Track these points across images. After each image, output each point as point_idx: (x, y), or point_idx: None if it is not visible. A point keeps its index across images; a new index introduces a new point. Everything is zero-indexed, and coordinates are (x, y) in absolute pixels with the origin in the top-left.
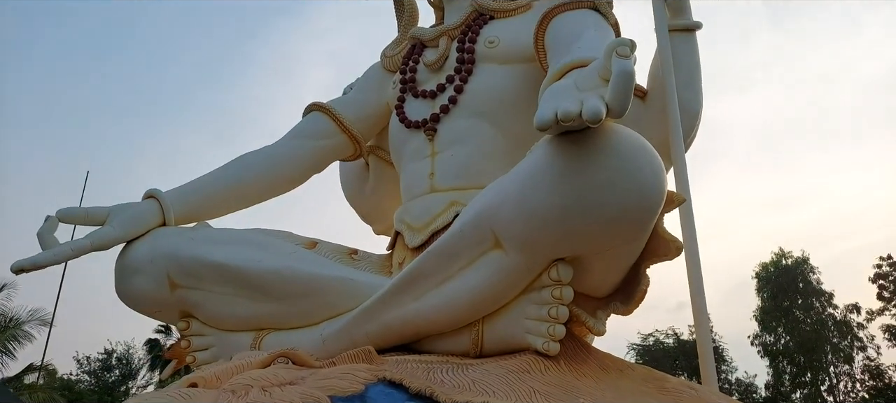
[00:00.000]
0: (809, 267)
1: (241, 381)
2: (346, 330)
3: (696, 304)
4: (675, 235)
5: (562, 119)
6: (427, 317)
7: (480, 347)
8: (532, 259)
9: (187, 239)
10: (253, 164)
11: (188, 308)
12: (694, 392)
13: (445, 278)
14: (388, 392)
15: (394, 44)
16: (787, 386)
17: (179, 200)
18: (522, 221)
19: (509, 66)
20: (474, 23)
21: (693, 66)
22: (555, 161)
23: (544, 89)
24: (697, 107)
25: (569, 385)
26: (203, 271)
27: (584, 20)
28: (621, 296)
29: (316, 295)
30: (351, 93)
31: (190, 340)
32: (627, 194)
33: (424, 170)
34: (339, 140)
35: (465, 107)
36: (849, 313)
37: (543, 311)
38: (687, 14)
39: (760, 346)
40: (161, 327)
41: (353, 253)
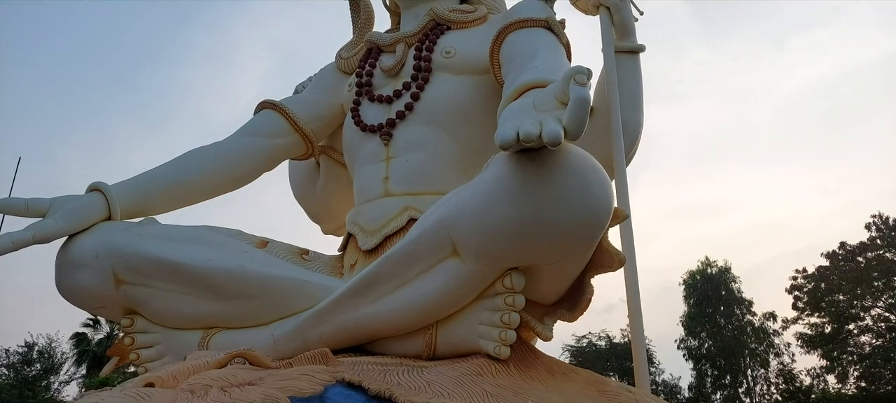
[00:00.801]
0: (731, 276)
1: (200, 381)
2: (298, 331)
3: (633, 314)
4: (618, 248)
5: (524, 140)
6: (382, 321)
7: (433, 350)
8: (488, 267)
9: (135, 235)
10: (203, 160)
11: (133, 304)
12: (631, 394)
13: (402, 283)
14: (347, 393)
15: (349, 46)
16: (709, 388)
17: (125, 194)
18: (481, 232)
19: (464, 76)
20: (431, 32)
21: (636, 87)
22: (513, 177)
23: (503, 107)
24: (639, 125)
25: (519, 387)
26: (151, 268)
27: (538, 38)
28: (567, 304)
29: (268, 295)
30: (304, 93)
31: (134, 337)
32: (579, 210)
33: (379, 173)
34: (292, 139)
35: (420, 115)
36: (766, 320)
37: (496, 317)
38: (632, 37)
39: (685, 350)
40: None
41: (304, 254)
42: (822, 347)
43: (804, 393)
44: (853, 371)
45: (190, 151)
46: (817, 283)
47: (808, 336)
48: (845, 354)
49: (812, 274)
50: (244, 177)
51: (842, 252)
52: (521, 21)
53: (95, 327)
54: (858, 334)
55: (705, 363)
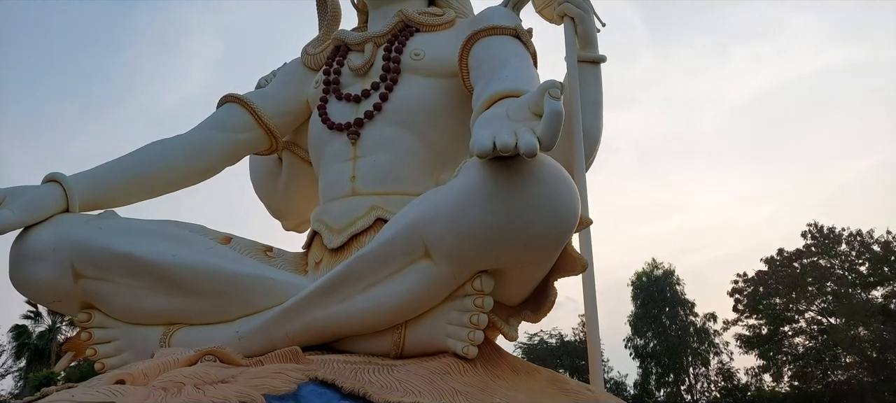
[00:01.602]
0: (676, 278)
1: (172, 379)
2: (264, 329)
3: (590, 317)
4: (580, 253)
5: (501, 150)
6: (352, 320)
7: (401, 349)
8: (459, 270)
9: (95, 228)
10: (164, 153)
11: (91, 299)
12: (590, 392)
13: (372, 283)
14: (321, 391)
15: (316, 42)
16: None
17: (84, 185)
18: (454, 236)
19: (433, 79)
20: (401, 33)
21: (597, 95)
22: (487, 183)
23: (476, 115)
24: (598, 132)
25: (485, 385)
26: (112, 263)
27: (507, 47)
28: (532, 305)
29: (233, 292)
30: (269, 88)
31: (91, 332)
32: (549, 217)
33: (346, 172)
34: (256, 134)
35: (388, 115)
36: (707, 321)
37: (465, 318)
38: (594, 47)
39: (632, 349)
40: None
41: (267, 251)
42: (759, 347)
43: (741, 391)
44: (787, 371)
45: (151, 143)
46: (756, 287)
47: (746, 337)
48: (780, 354)
49: (752, 278)
50: (206, 171)
51: (779, 258)
52: (491, 28)
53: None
54: (793, 336)
55: (651, 361)
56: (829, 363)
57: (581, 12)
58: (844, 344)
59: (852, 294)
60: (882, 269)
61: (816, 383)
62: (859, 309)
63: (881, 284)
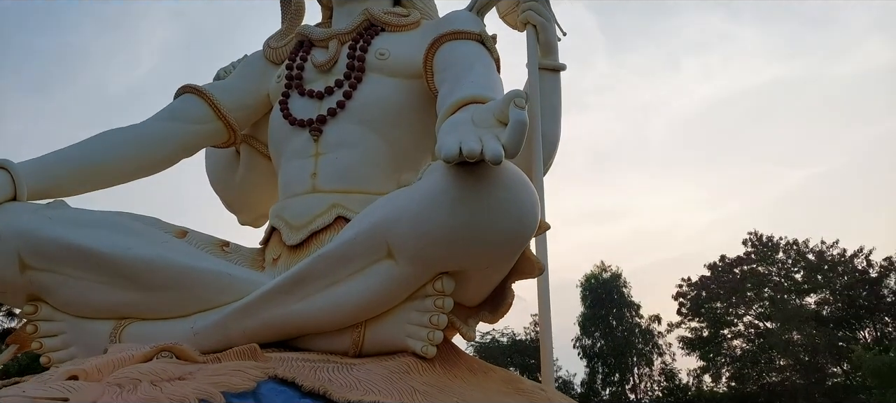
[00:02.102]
0: (623, 281)
1: (127, 375)
2: (221, 325)
3: (543, 319)
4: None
5: (467, 156)
6: (311, 318)
7: (360, 347)
8: (421, 271)
9: (44, 218)
10: (120, 143)
11: (38, 291)
12: (543, 392)
13: (333, 282)
14: (281, 389)
15: (278, 36)
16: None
17: (33, 173)
18: (417, 237)
19: (397, 79)
20: (366, 32)
21: (556, 102)
22: (451, 187)
23: (442, 119)
24: (556, 138)
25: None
26: (62, 254)
27: (472, 52)
28: (490, 306)
29: (189, 287)
30: (229, 80)
31: (37, 325)
32: (510, 220)
33: (307, 169)
34: (215, 126)
35: (352, 113)
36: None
37: (425, 318)
38: (555, 55)
39: (580, 348)
40: None
41: (224, 245)
42: (700, 349)
43: (682, 391)
44: (725, 372)
45: (105, 132)
46: (699, 291)
47: (688, 340)
48: (719, 356)
49: (695, 282)
50: (161, 162)
51: (721, 264)
52: (456, 33)
53: None
54: (732, 338)
55: (598, 361)
56: (764, 365)
57: (543, 21)
58: (779, 348)
59: (787, 300)
60: (816, 277)
61: (752, 384)
62: (794, 315)
63: (814, 291)
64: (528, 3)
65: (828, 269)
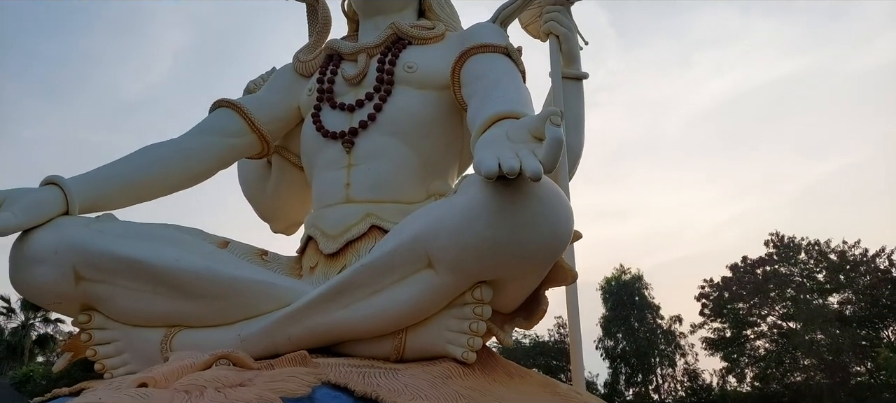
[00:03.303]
0: (644, 283)
1: (193, 382)
2: (267, 332)
3: (572, 323)
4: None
5: (507, 173)
6: (354, 325)
7: (402, 353)
8: (460, 280)
9: (96, 232)
10: (161, 158)
11: (92, 301)
12: (579, 395)
13: (375, 290)
14: (335, 394)
15: (307, 49)
16: (622, 386)
17: (82, 188)
18: (458, 249)
19: (425, 91)
20: (394, 46)
21: (580, 110)
22: (489, 201)
23: (476, 136)
24: (581, 147)
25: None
26: (115, 266)
27: (498, 66)
28: (525, 313)
29: (235, 296)
30: (261, 93)
31: (91, 334)
32: (546, 233)
33: (340, 180)
34: (249, 139)
35: (382, 125)
36: (673, 324)
37: (465, 325)
38: (578, 65)
39: (603, 350)
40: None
41: (263, 255)
42: (723, 350)
43: (705, 391)
44: (749, 372)
45: (147, 147)
46: (721, 292)
47: (711, 340)
48: (743, 356)
49: (717, 283)
50: (200, 175)
51: (743, 265)
52: (483, 46)
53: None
54: (755, 339)
55: (620, 362)
56: (788, 365)
57: (565, 31)
58: (803, 348)
59: (810, 300)
60: (838, 277)
61: (776, 384)
62: (817, 315)
63: (837, 291)
64: (551, 13)
65: (850, 269)
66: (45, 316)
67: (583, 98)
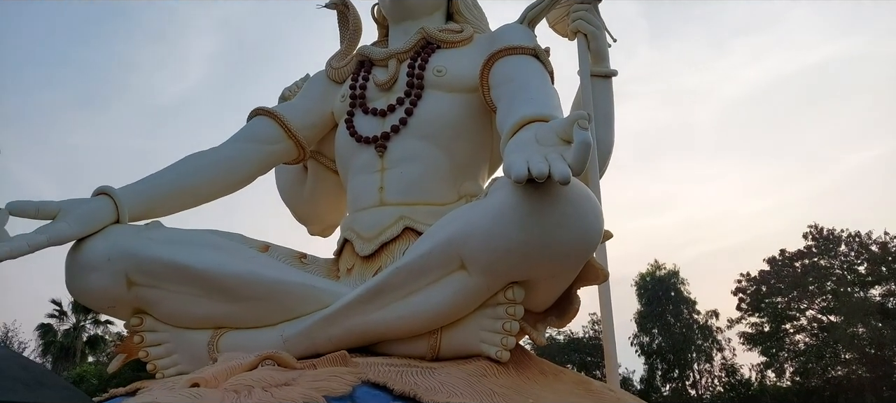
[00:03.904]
0: (679, 278)
1: (242, 382)
2: (307, 333)
3: (606, 320)
4: (601, 264)
5: (537, 177)
6: (391, 325)
7: (437, 352)
8: (493, 281)
9: (146, 239)
10: (204, 166)
11: (143, 305)
12: (612, 393)
13: (411, 292)
14: (374, 393)
15: (339, 56)
16: (659, 381)
17: (131, 198)
18: (490, 251)
19: (455, 94)
20: (423, 50)
21: (609, 108)
22: (520, 204)
23: (506, 139)
24: (611, 144)
25: (519, 387)
26: (164, 271)
27: (527, 67)
28: (557, 312)
29: (277, 298)
30: (296, 100)
31: (143, 336)
32: (576, 234)
33: (374, 183)
34: (286, 145)
35: (413, 129)
36: (709, 318)
37: (498, 325)
38: (606, 62)
39: (638, 346)
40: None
41: (302, 257)
42: (762, 344)
43: (744, 386)
44: (789, 367)
45: (190, 156)
46: (759, 286)
47: (749, 335)
48: (782, 351)
49: (754, 277)
50: (241, 182)
51: (781, 258)
52: (511, 48)
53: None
54: (794, 333)
55: (656, 358)
56: (829, 359)
57: (593, 29)
58: (844, 342)
59: (851, 293)
60: (880, 269)
61: (817, 378)
62: (858, 308)
63: (879, 283)
64: (578, 12)
65: (892, 260)
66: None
67: (612, 95)
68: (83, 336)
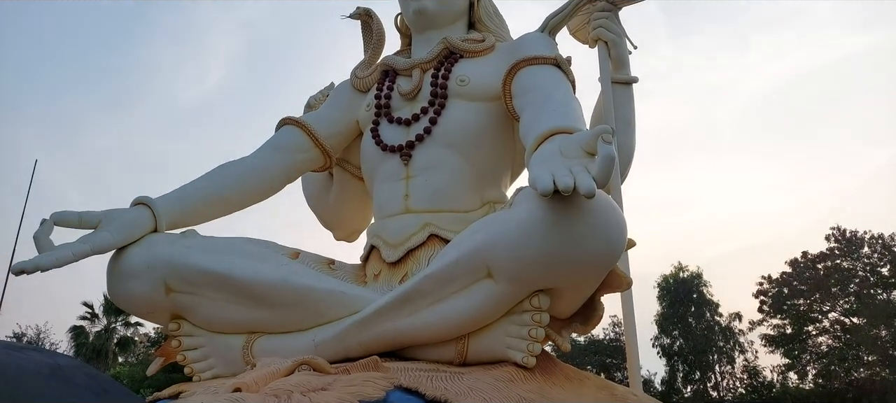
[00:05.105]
0: (702, 280)
1: (281, 387)
2: (339, 338)
3: (628, 326)
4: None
5: (563, 191)
6: (420, 331)
7: (465, 357)
8: (519, 289)
9: (183, 247)
10: (236, 176)
11: (180, 311)
12: (636, 398)
13: (439, 299)
14: (407, 397)
15: (363, 66)
16: (680, 383)
17: (169, 207)
18: (516, 260)
19: (477, 103)
20: (446, 60)
21: (630, 114)
22: (545, 215)
23: (530, 151)
24: (632, 150)
25: (545, 392)
26: (201, 278)
27: (549, 77)
28: (581, 318)
29: (308, 304)
30: (322, 110)
31: (180, 340)
32: (600, 243)
33: (399, 191)
34: (313, 154)
35: (438, 138)
36: (732, 321)
37: (524, 331)
38: (627, 69)
39: (659, 347)
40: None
41: (331, 263)
42: (784, 346)
43: (766, 388)
44: (811, 369)
45: (221, 166)
46: (780, 289)
47: (771, 337)
48: (805, 353)
49: (776, 279)
50: (271, 190)
51: (803, 260)
52: (533, 58)
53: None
54: (816, 335)
55: (677, 360)
56: (852, 362)
57: (614, 37)
58: (867, 344)
59: (874, 295)
60: None
61: (839, 381)
62: (881, 310)
63: None
64: (599, 20)
65: None
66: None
67: (633, 102)
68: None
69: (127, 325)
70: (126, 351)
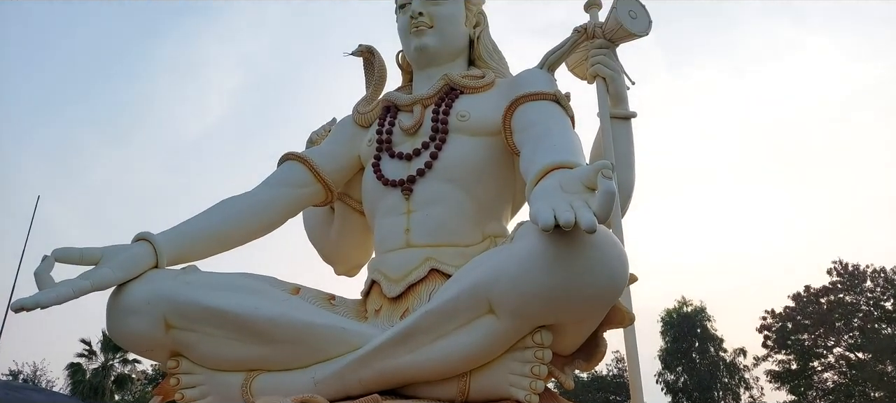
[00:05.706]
0: (706, 315)
1: None
2: (339, 375)
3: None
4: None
5: (564, 226)
6: (421, 368)
7: (466, 395)
8: (521, 325)
9: (183, 283)
10: (238, 211)
11: (179, 348)
12: None
13: (440, 335)
14: None
15: (365, 101)
16: None
17: (169, 243)
18: (517, 296)
19: (478, 138)
20: (447, 96)
21: (629, 148)
22: (547, 250)
23: (530, 187)
24: (632, 185)
25: None
26: (200, 315)
27: (548, 113)
28: (584, 355)
29: (309, 341)
30: (324, 145)
31: (179, 378)
32: (602, 279)
33: (400, 225)
34: (315, 189)
35: (438, 173)
36: (736, 356)
37: (526, 368)
38: (625, 104)
39: (663, 383)
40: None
41: (331, 299)
42: (789, 383)
43: None
44: None
45: (223, 202)
46: (784, 323)
47: (776, 373)
48: (811, 390)
49: (779, 314)
50: (272, 225)
51: (806, 294)
52: (533, 95)
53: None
54: (822, 371)
55: (682, 396)
56: (858, 397)
57: (612, 73)
58: (873, 380)
59: (879, 329)
60: None
61: None
62: (886, 345)
63: None
64: (597, 56)
65: None
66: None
67: (632, 137)
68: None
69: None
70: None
